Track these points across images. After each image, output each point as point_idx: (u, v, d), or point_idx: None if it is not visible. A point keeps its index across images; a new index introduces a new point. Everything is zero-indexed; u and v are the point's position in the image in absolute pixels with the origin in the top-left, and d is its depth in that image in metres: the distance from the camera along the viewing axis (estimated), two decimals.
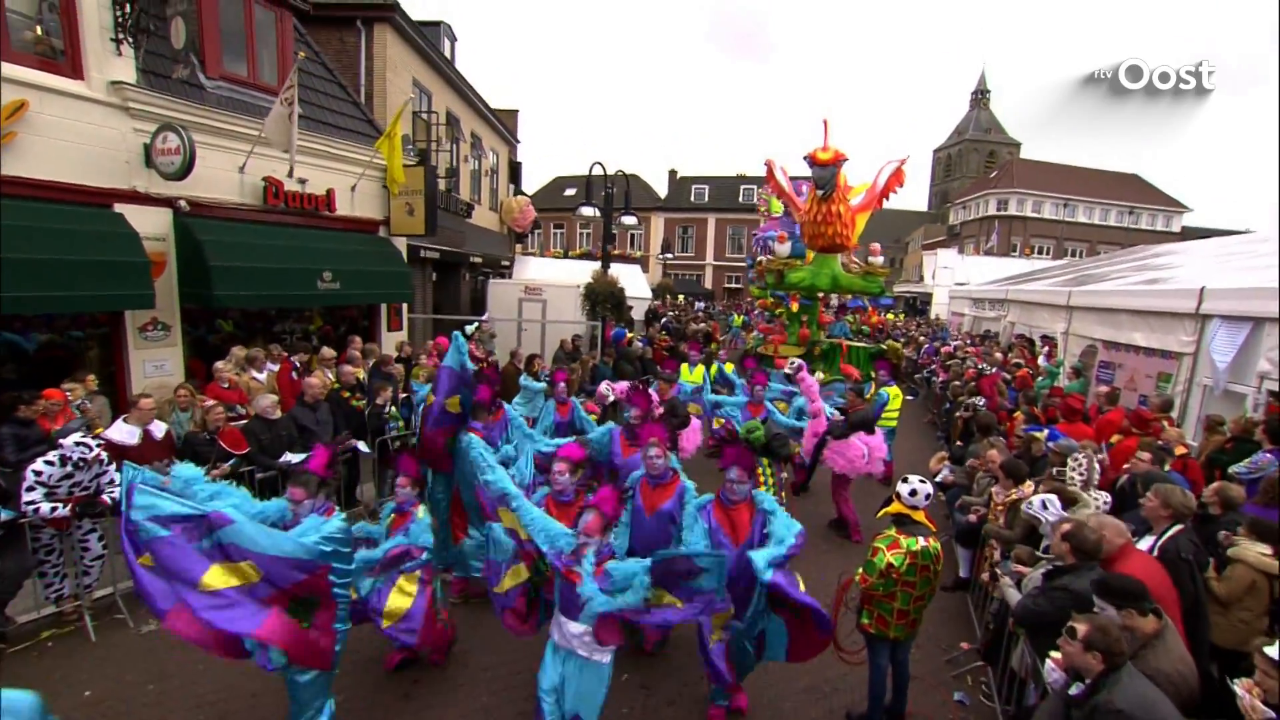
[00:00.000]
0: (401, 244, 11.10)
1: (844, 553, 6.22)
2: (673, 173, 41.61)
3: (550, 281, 16.29)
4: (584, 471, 4.03)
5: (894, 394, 7.62)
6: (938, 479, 5.93)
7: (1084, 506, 4.02)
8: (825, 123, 10.02)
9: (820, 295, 11.78)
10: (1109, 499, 4.22)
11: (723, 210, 37.37)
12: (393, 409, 7.18)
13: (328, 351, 7.82)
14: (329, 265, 8.81)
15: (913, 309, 34.71)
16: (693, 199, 39.30)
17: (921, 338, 15.88)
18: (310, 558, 2.93)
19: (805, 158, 9.96)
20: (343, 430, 6.63)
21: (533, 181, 46.06)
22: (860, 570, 3.51)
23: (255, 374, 7.17)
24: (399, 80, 12.04)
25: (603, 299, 11.64)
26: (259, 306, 8.57)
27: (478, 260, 17.39)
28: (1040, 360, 11.07)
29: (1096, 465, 4.43)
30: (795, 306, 11.40)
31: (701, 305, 26.86)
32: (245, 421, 5.71)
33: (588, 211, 11.19)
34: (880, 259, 11.38)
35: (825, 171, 9.70)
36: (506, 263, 21.59)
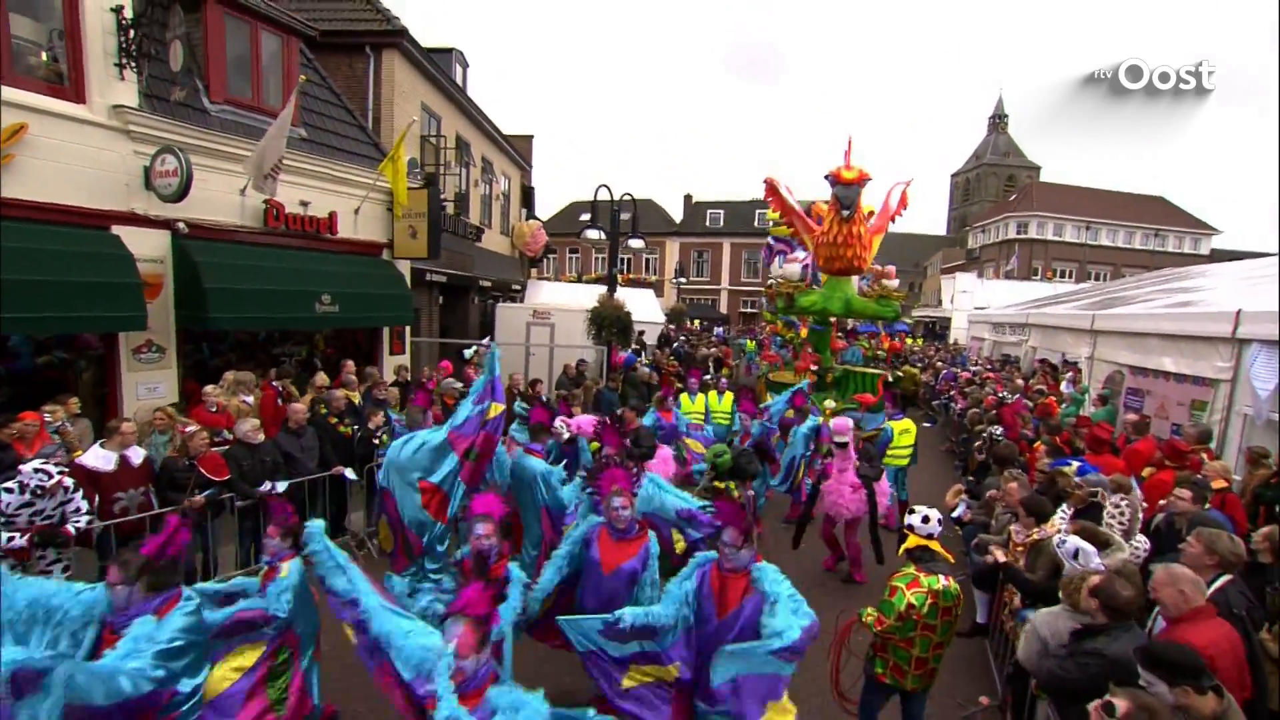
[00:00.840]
0: (405, 267, 11.07)
1: (847, 594, 5.76)
2: (688, 197, 41.81)
3: (559, 305, 16.23)
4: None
5: (902, 428, 7.20)
6: (954, 514, 5.57)
7: (1117, 550, 3.66)
8: (849, 140, 9.87)
9: (833, 320, 11.52)
10: (1148, 545, 3.85)
11: (738, 235, 37.38)
12: (384, 436, 7.00)
13: (321, 376, 7.69)
14: (328, 288, 8.75)
15: (932, 334, 34.16)
16: (708, 223, 39.39)
17: (939, 363, 15.47)
18: (141, 693, 2.29)
19: (827, 176, 9.78)
20: (329, 456, 6.48)
21: (549, 207, 46.72)
22: (871, 611, 3.22)
23: (246, 398, 7.06)
24: (407, 105, 12.16)
25: (608, 323, 11.45)
26: (255, 329, 8.51)
27: (487, 284, 17.39)
28: (1064, 386, 10.63)
29: (1140, 510, 4.05)
30: (805, 332, 11.12)
31: (720, 331, 26.55)
32: (227, 447, 5.56)
33: (593, 234, 11.08)
34: (894, 282, 11.11)
35: (850, 191, 9.54)
36: (518, 286, 21.60)
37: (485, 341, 11.77)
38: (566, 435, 5.56)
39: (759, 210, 38.57)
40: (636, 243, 12.02)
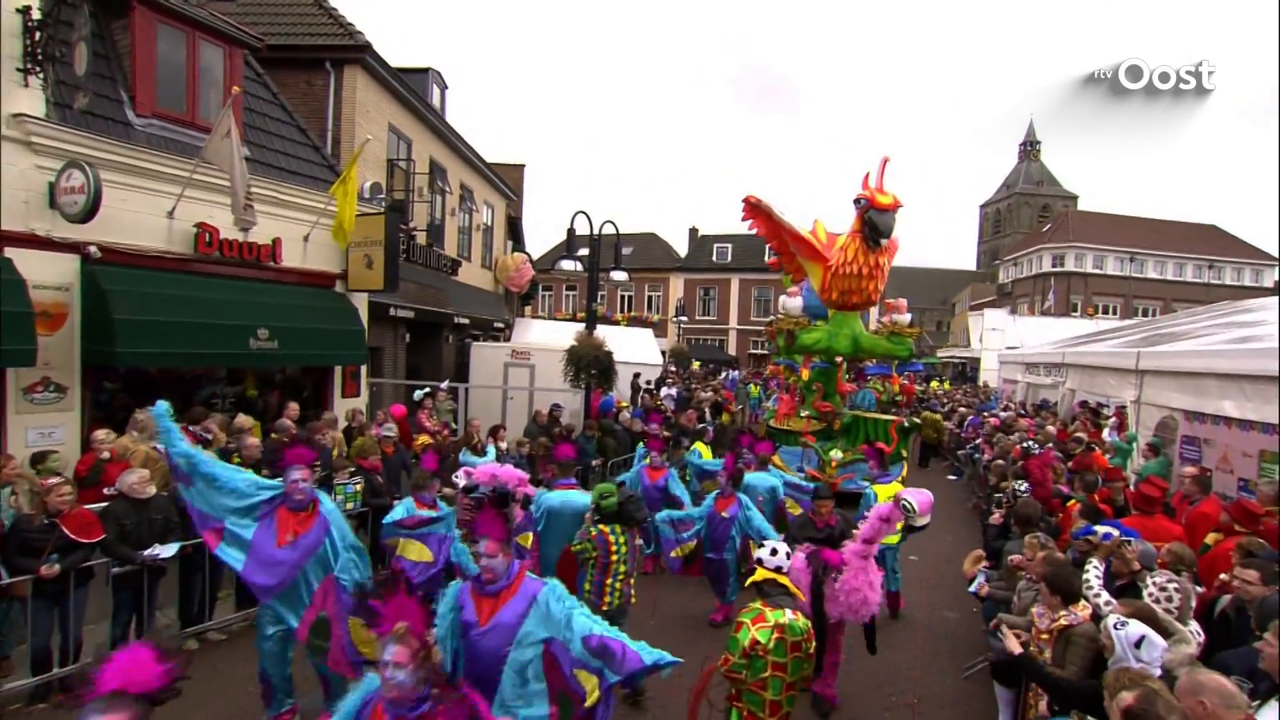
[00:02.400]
0: (363, 301, 10.85)
1: (712, 639, 5.67)
2: (693, 231, 42.16)
3: (540, 345, 15.95)
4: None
5: (892, 493, 6.27)
6: (971, 587, 5.03)
7: (1180, 643, 3.14)
8: (884, 161, 9.44)
9: (839, 360, 11.13)
10: (1201, 635, 3.31)
11: (747, 270, 37.39)
12: (461, 484, 6.56)
13: (244, 420, 7.31)
14: (267, 322, 8.47)
15: (962, 376, 33.64)
16: (714, 258, 39.53)
17: (964, 408, 14.97)
18: None
19: (858, 200, 9.48)
20: None
21: (545, 241, 47.16)
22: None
23: (159, 445, 6.66)
24: (371, 126, 12.16)
25: (586, 364, 11.07)
26: (173, 366, 8.18)
27: (463, 321, 17.16)
28: (1106, 434, 10.09)
29: (1193, 592, 3.52)
30: (806, 374, 10.74)
31: (736, 375, 25.98)
32: (107, 504, 5.13)
33: (568, 266, 10.85)
34: (907, 317, 10.77)
35: (888, 218, 9.26)
36: (500, 325, 21.42)
37: (443, 385, 11.58)
38: (463, 485, 5.46)
39: (770, 244, 38.73)
40: (619, 275, 11.78)
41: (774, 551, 3.64)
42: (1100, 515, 5.06)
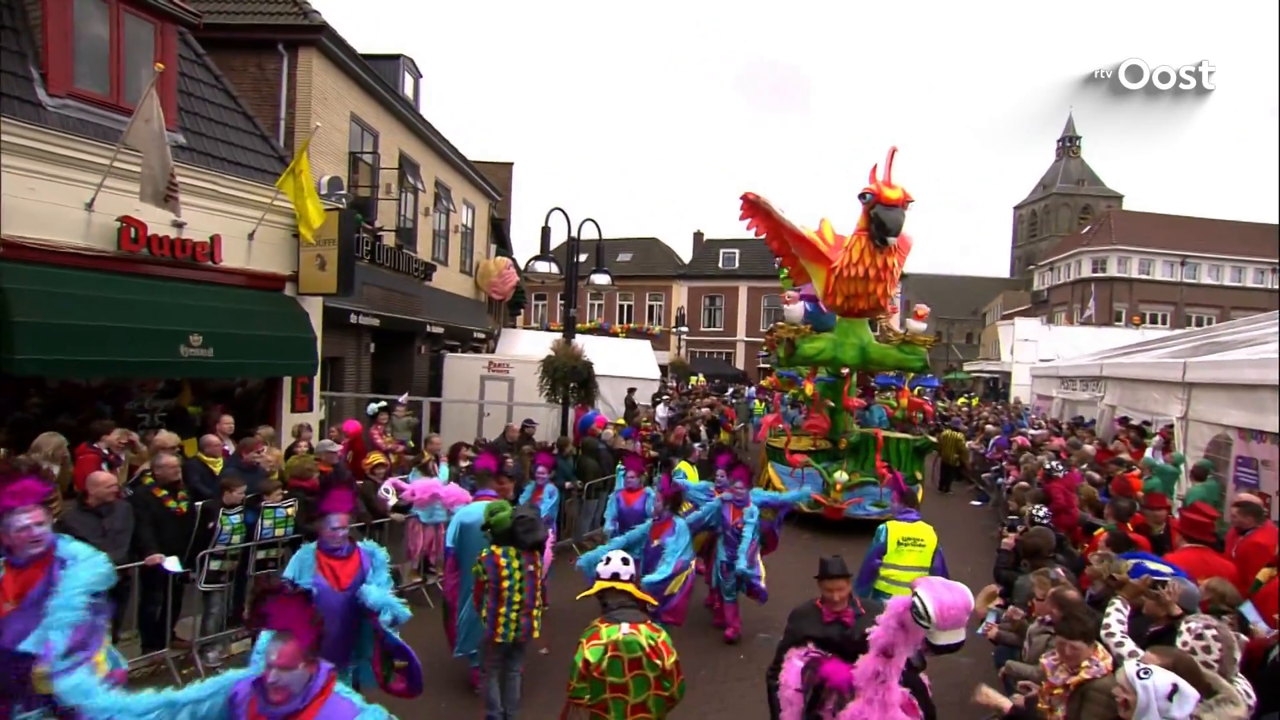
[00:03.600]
0: (316, 305, 10.61)
1: None
2: (698, 235, 42.04)
3: (520, 357, 15.69)
4: None
5: (905, 534, 5.26)
6: (980, 629, 4.68)
7: (1229, 705, 2.78)
8: (892, 152, 9.28)
9: (845, 371, 10.86)
10: (1253, 696, 2.93)
11: (756, 278, 37.08)
12: (235, 518, 6.26)
13: (166, 437, 7.01)
14: (201, 327, 8.26)
15: (993, 392, 33.17)
16: (721, 264, 39.34)
17: (991, 426, 14.59)
18: None
19: (863, 195, 9.30)
20: (147, 542, 5.75)
21: (536, 245, 47.07)
22: None
23: (54, 466, 6.37)
24: (330, 115, 12.02)
25: (563, 375, 10.81)
26: (85, 376, 7.94)
27: (437, 331, 16.96)
28: (1149, 454, 9.69)
29: (1237, 641, 3.15)
30: (810, 388, 10.48)
31: (753, 391, 25.46)
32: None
33: (542, 268, 10.61)
34: (923, 325, 10.50)
35: (896, 214, 9.01)
36: (482, 335, 21.23)
37: (402, 399, 11.31)
38: (392, 501, 5.60)
39: None
40: (601, 279, 11.55)
41: (625, 561, 3.65)
42: (1129, 546, 4.71)
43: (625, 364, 21.01)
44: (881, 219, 8.95)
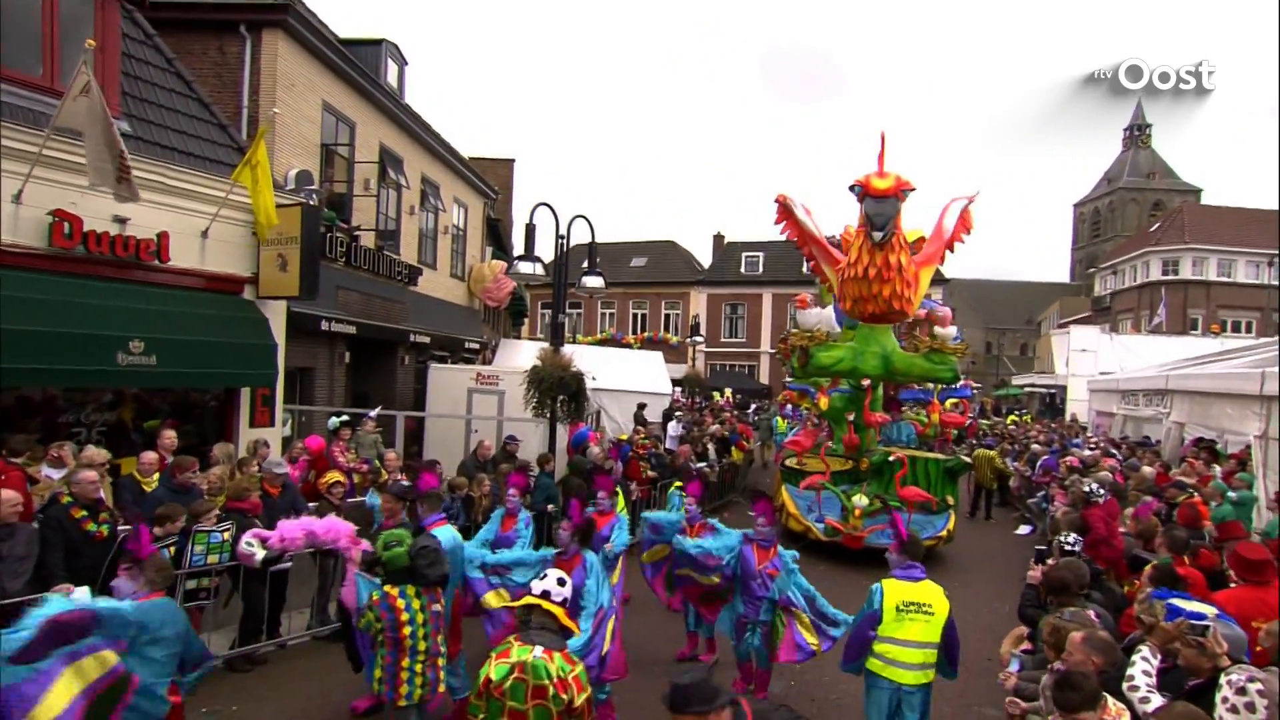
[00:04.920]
0: (279, 310, 10.56)
1: None
2: (718, 237, 41.94)
3: (512, 368, 15.55)
4: None
5: (908, 598, 4.56)
6: (1000, 676, 4.35)
7: None
8: (883, 136, 9.31)
9: (865, 383, 10.60)
10: None
11: (781, 283, 36.83)
12: (257, 555, 6.12)
13: (94, 453, 6.92)
14: (144, 332, 8.19)
15: (1051, 408, 32.45)
16: (743, 269, 39.16)
17: (1037, 445, 14.14)
18: None
19: (853, 186, 9.26)
20: (54, 569, 5.60)
21: (541, 249, 47.02)
22: None
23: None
24: (299, 103, 12.04)
25: (550, 387, 10.62)
26: (6, 384, 7.88)
27: (423, 340, 16.89)
28: (1219, 481, 9.29)
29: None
30: (824, 402, 10.28)
31: (791, 412, 25.04)
32: None
33: (526, 269, 10.46)
34: (952, 330, 10.27)
35: (884, 206, 8.92)
36: (476, 345, 21.17)
37: (373, 413, 11.19)
38: (260, 556, 5.43)
39: None
40: (594, 281, 11.39)
41: (561, 581, 3.61)
42: (1177, 583, 4.36)
43: (635, 377, 20.87)
44: (868, 213, 8.87)
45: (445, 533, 5.57)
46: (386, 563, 4.52)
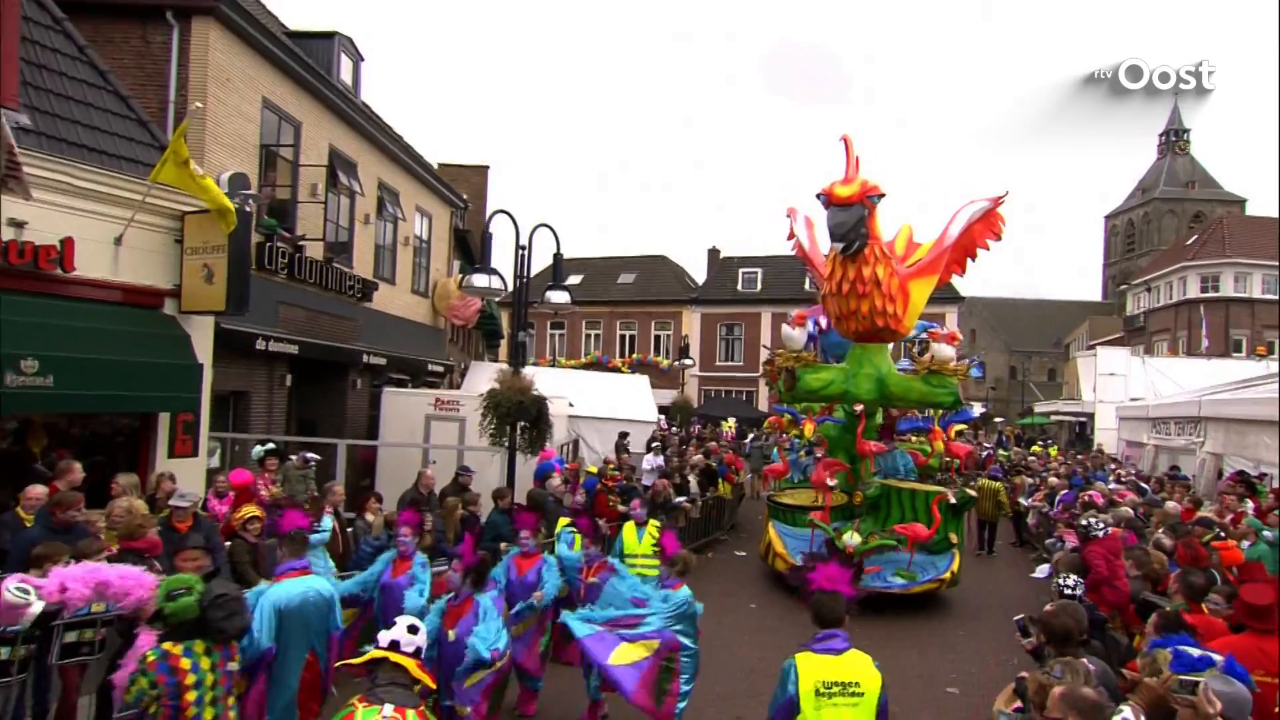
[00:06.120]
0: (206, 326, 10.40)
1: None
2: (714, 252, 42.14)
3: (475, 393, 15.38)
4: None
5: (818, 675, 4.00)
6: None
7: None
8: (846, 140, 9.51)
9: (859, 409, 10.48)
10: None
11: (782, 302, 36.77)
12: (33, 607, 5.82)
13: None
14: (39, 349, 7.98)
15: (1081, 438, 32.31)
16: (740, 286, 39.22)
17: (1055, 479, 13.95)
18: None
19: (819, 194, 9.38)
20: None
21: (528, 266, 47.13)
22: None
23: None
24: (235, 99, 11.99)
25: (507, 411, 10.50)
26: None
27: (378, 361, 16.71)
28: (1250, 517, 9.15)
29: None
30: (809, 428, 10.24)
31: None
32: None
33: (481, 281, 10.36)
34: (952, 349, 10.19)
35: (847, 214, 9.02)
36: (440, 368, 21.02)
37: (310, 456, 10.98)
38: (35, 610, 4.78)
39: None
40: (559, 296, 11.30)
41: (412, 629, 3.58)
42: (1182, 629, 4.17)
43: (617, 404, 20.78)
44: (828, 223, 8.98)
45: (300, 585, 5.25)
46: (170, 615, 4.18)
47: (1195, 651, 3.42)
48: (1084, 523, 6.77)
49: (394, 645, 3.45)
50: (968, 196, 10.90)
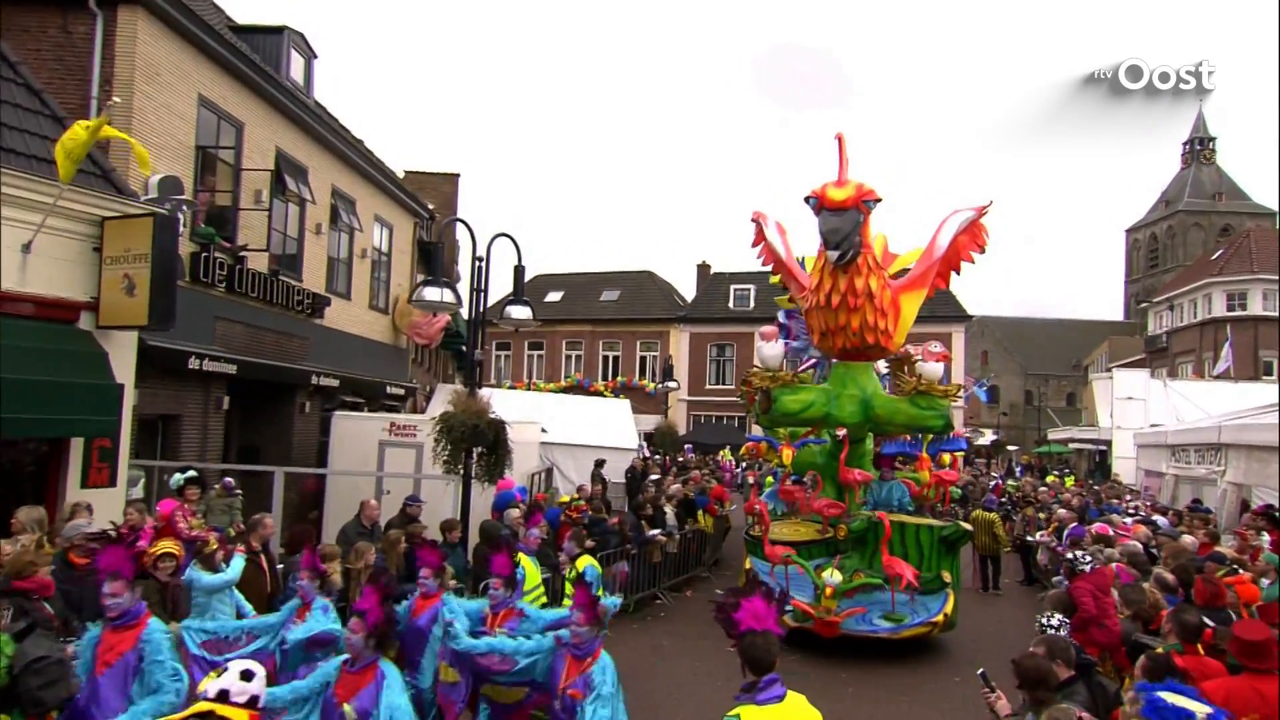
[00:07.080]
0: (128, 343, 10.23)
1: None
2: (703, 267, 42.39)
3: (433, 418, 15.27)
4: None
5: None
6: None
7: None
8: (840, 139, 9.54)
9: (842, 434, 10.44)
10: None
11: (775, 321, 36.99)
12: None
13: None
14: None
15: (1101, 466, 32.26)
16: (732, 304, 39.39)
17: (1064, 511, 13.83)
18: None
19: (809, 198, 9.33)
20: None
21: (496, 279, 46.82)
22: None
23: None
24: (168, 96, 11.91)
25: (461, 436, 10.38)
26: None
27: (329, 383, 16.53)
28: (1267, 552, 9.05)
29: None
30: (787, 454, 10.12)
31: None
32: None
33: (432, 294, 10.27)
34: (938, 366, 10.16)
35: (841, 220, 8.97)
36: (400, 390, 20.85)
37: (231, 482, 10.77)
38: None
39: None
40: (520, 311, 11.20)
41: (246, 675, 3.44)
42: (1171, 674, 4.04)
43: (595, 430, 20.75)
44: (821, 229, 8.91)
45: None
46: None
47: (1176, 700, 3.27)
48: (1070, 556, 6.68)
49: (223, 695, 3.25)
50: (968, 205, 10.85)
